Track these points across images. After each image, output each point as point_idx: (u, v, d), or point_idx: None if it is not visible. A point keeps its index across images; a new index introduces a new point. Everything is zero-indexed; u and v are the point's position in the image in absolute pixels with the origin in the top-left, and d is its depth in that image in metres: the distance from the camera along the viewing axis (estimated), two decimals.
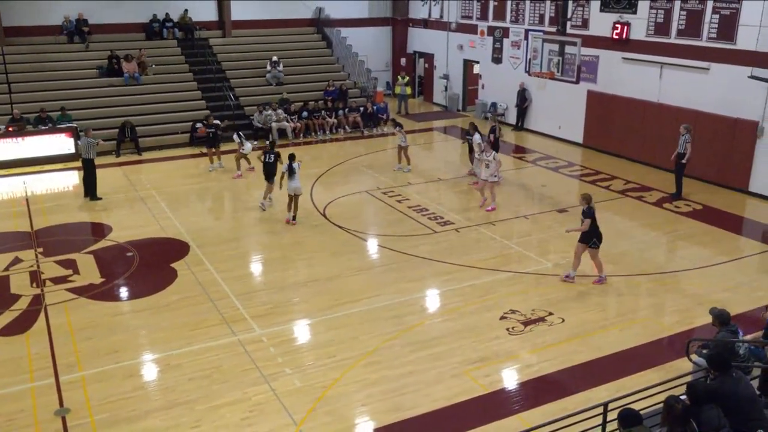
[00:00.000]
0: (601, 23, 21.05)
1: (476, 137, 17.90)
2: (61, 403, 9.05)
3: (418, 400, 9.06)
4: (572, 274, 12.52)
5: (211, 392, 9.26)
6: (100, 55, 24.44)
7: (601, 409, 7.11)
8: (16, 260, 13.65)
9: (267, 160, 16.28)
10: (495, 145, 18.11)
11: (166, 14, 26.36)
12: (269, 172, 16.26)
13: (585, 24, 21.69)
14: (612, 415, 6.80)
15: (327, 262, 13.53)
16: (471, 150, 18.59)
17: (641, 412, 6.40)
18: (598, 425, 7.10)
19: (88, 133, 17.65)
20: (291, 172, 15.18)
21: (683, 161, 16.75)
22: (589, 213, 12.02)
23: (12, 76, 22.88)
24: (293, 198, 15.41)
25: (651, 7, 19.45)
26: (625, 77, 20.61)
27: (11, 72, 22.97)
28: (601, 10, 21.01)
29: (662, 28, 19.21)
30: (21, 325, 11.11)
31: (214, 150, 19.99)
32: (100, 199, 17.26)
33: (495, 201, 16.39)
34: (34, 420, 8.70)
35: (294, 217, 15.51)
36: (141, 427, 8.56)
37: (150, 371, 9.96)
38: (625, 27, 20.21)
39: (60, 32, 24.81)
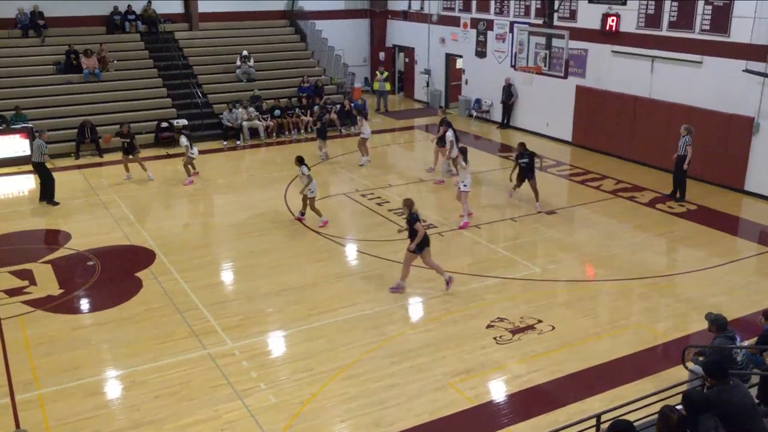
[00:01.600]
0: (590, 15, 21.25)
1: (448, 134, 18.18)
2: (17, 425, 8.92)
3: (401, 414, 9.06)
4: (402, 284, 12.51)
5: (179, 410, 9.18)
6: (58, 50, 24.20)
7: (593, 421, 7.17)
8: None
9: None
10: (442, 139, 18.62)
11: (129, 6, 26.14)
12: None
13: (573, 16, 21.89)
14: (605, 427, 6.84)
15: (302, 269, 13.50)
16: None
17: (635, 424, 6.45)
18: None
19: (42, 135, 17.49)
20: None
21: (684, 165, 16.79)
22: (414, 218, 12.07)
23: None
24: (312, 199, 15.47)
25: None
26: (615, 71, 20.82)
27: None
28: (590, 2, 21.20)
29: (653, 20, 19.43)
30: None
31: (131, 157, 19.37)
32: (57, 203, 17.10)
33: (468, 215, 15.74)
34: None
35: (303, 214, 15.86)
36: None
37: (113, 389, 9.86)
38: (615, 19, 20.42)
39: (14, 26, 24.50)
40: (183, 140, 18.88)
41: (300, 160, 15.39)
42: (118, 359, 10.49)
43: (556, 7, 21.57)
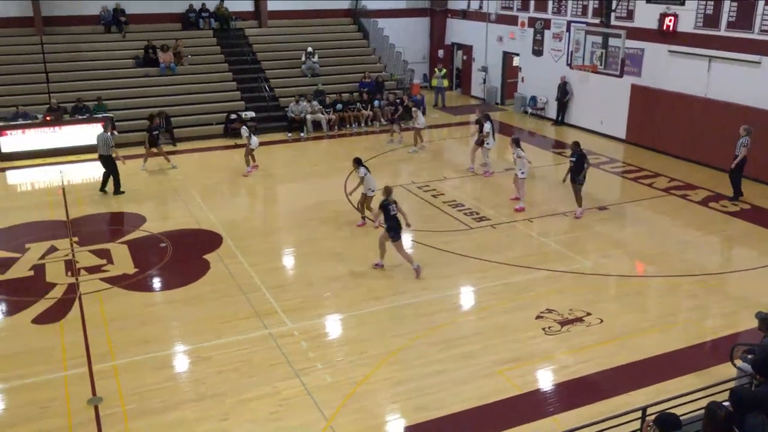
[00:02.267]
0: (647, 15, 20.66)
1: (486, 125, 18.27)
2: (94, 392, 9.25)
3: (449, 399, 9.04)
4: (380, 262, 12.96)
5: (240, 385, 9.37)
6: (137, 45, 24.84)
7: (639, 414, 7.01)
8: (52, 249, 13.98)
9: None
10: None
11: (203, 4, 26.66)
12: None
13: (630, 15, 21.32)
14: (650, 420, 6.69)
15: (358, 257, 13.56)
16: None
17: (681, 418, 6.29)
18: (636, 430, 7.00)
19: (108, 129, 17.23)
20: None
21: (732, 165, 16.23)
22: (385, 204, 12.44)
23: (50, 65, 23.43)
24: (371, 198, 14.99)
25: None
26: (672, 71, 20.21)
27: (49, 62, 23.52)
28: (648, 1, 20.63)
29: (711, 20, 18.77)
30: (56, 314, 11.39)
31: (154, 150, 19.42)
32: (123, 192, 17.28)
33: (524, 200, 16.08)
34: (67, 409, 8.90)
35: (364, 216, 15.27)
36: (171, 419, 8.71)
37: (180, 363, 10.12)
38: (673, 19, 19.81)
39: (97, 22, 25.28)
40: (244, 131, 19.11)
41: (358, 162, 15.08)
42: (185, 336, 10.76)
43: (613, 7, 21.06)
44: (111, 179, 17.37)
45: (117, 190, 17.29)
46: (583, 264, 13.19)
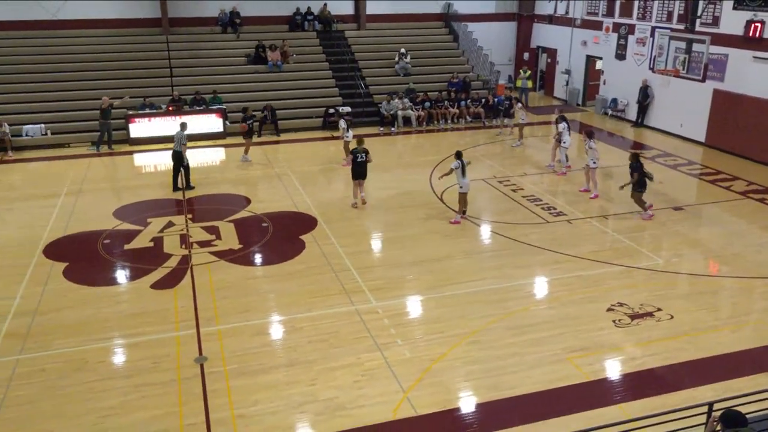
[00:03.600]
0: (733, 21, 19.48)
1: (561, 125, 17.94)
2: (200, 352, 9.65)
3: (519, 381, 8.91)
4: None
5: (328, 354, 9.54)
6: (248, 45, 25.55)
7: (705, 408, 6.68)
8: (170, 224, 14.63)
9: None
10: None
11: (308, 8, 27.11)
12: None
13: (715, 22, 20.16)
14: (716, 415, 6.37)
15: (440, 243, 13.52)
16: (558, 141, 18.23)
17: (748, 417, 5.95)
18: (701, 424, 6.68)
19: (184, 127, 16.87)
20: (463, 169, 14.18)
21: None
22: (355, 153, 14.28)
23: (173, 61, 24.44)
24: (463, 195, 14.46)
25: None
26: (755, 76, 19.00)
27: (173, 58, 24.55)
28: (734, 8, 19.44)
29: None
30: (171, 281, 11.93)
31: (251, 140, 19.58)
32: (193, 187, 16.98)
33: (597, 188, 16.10)
34: (177, 364, 9.34)
35: (464, 212, 14.68)
36: (265, 380, 8.98)
37: (276, 331, 10.41)
38: (760, 25, 18.59)
39: (215, 23, 26.16)
40: (341, 123, 19.35)
41: (457, 155, 14.36)
42: (281, 307, 11.04)
43: (699, 13, 19.98)
44: (180, 175, 16.97)
45: (188, 185, 16.99)
46: (656, 261, 12.66)
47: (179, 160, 16.78)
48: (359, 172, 15.34)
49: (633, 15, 23.98)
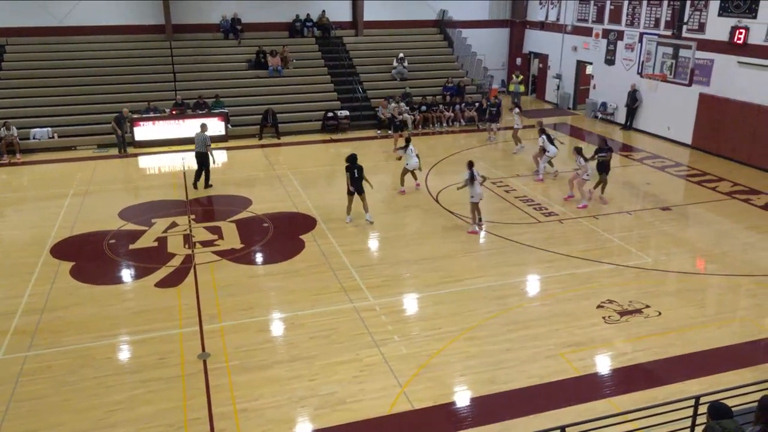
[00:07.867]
0: (719, 28, 19.54)
1: (540, 138, 17.71)
2: (203, 348, 9.64)
3: (514, 375, 8.93)
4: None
5: (328, 350, 9.55)
6: (249, 51, 25.52)
7: (692, 402, 6.71)
8: (173, 224, 14.61)
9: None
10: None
11: (307, 15, 27.10)
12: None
13: (701, 28, 20.22)
14: (703, 409, 6.40)
15: (437, 243, 13.54)
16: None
17: (733, 409, 5.98)
18: (688, 417, 6.71)
19: (204, 128, 17.08)
20: (472, 179, 13.84)
21: None
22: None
23: (177, 66, 24.42)
24: (474, 205, 14.00)
25: None
26: (740, 81, 19.06)
27: (176, 63, 24.52)
28: (720, 15, 19.50)
29: None
30: (174, 279, 11.92)
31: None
32: (212, 186, 17.10)
33: (586, 199, 15.59)
34: (181, 360, 9.33)
35: (480, 220, 14.14)
36: (267, 375, 8.98)
37: (277, 328, 10.40)
38: (744, 31, 18.66)
39: (217, 30, 26.14)
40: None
41: (469, 165, 14.09)
42: (282, 304, 11.04)
43: (685, 20, 20.04)
44: (203, 174, 17.23)
45: (207, 184, 17.13)
46: (645, 260, 12.70)
47: (203, 160, 16.85)
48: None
49: (622, 22, 24.05)
